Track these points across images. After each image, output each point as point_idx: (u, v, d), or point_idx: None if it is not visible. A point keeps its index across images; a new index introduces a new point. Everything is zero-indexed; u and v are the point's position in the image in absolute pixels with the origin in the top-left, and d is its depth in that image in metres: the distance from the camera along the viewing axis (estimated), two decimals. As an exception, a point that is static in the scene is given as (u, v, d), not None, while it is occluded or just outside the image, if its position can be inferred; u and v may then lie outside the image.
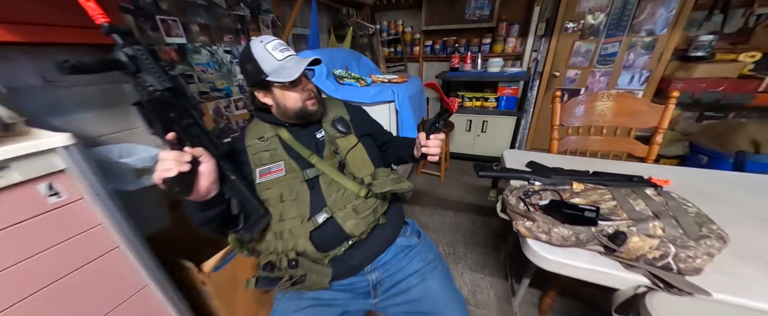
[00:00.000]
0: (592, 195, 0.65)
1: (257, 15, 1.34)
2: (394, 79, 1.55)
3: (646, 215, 0.55)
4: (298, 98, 0.65)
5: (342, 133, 0.71)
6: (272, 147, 0.66)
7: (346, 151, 0.68)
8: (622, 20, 2.01)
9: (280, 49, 0.63)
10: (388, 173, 0.70)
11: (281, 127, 0.69)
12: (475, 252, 1.40)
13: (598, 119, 1.06)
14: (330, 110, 0.75)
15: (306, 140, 0.69)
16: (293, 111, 0.66)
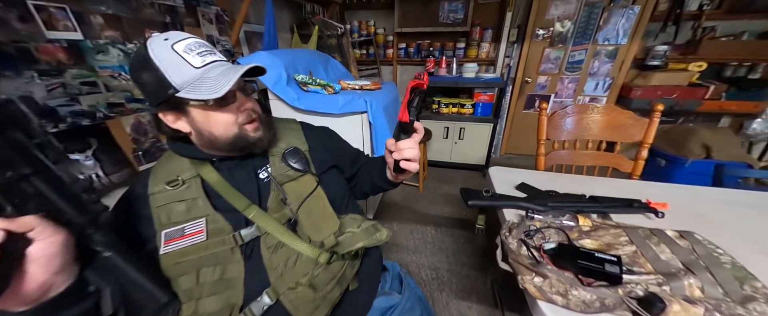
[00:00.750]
0: (604, 236, 0.55)
1: (195, 6, 1.09)
2: (367, 85, 1.39)
3: (676, 267, 0.46)
4: (231, 122, 0.46)
5: (296, 172, 0.52)
6: (190, 196, 0.45)
7: (300, 201, 0.49)
8: (587, 29, 2.06)
9: (197, 51, 0.43)
10: (359, 220, 0.53)
11: (205, 164, 0.49)
12: (460, 276, 1.29)
13: (583, 133, 1.00)
14: (281, 138, 0.56)
15: (243, 183, 0.49)
16: (224, 140, 0.46)
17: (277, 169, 0.51)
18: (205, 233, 0.43)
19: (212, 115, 0.45)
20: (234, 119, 0.46)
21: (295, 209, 0.48)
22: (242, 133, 0.47)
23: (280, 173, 0.51)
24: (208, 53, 0.45)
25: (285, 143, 0.55)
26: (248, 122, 0.47)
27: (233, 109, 0.46)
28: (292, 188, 0.50)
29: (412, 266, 1.36)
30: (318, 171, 0.55)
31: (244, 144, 0.48)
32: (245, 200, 0.47)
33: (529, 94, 2.43)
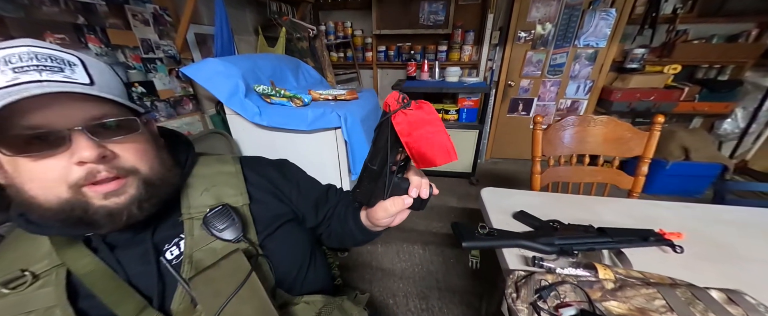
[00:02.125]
0: (634, 297, 0.44)
1: (123, 4, 0.88)
2: (342, 95, 1.23)
3: (738, 350, 0.35)
4: (56, 179, 0.29)
5: (225, 245, 0.36)
6: (42, 303, 0.28)
7: (223, 302, 0.31)
8: (568, 32, 2.04)
9: (15, 65, 0.27)
10: (319, 303, 0.38)
11: (75, 245, 0.32)
12: (452, 304, 1.17)
13: (580, 147, 0.92)
14: (205, 189, 0.39)
15: (136, 271, 0.33)
16: (47, 208, 0.29)
17: (195, 242, 0.35)
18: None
19: (22, 164, 0.28)
20: (61, 176, 0.29)
21: (215, 312, 0.31)
22: (77, 201, 0.29)
23: (198, 248, 0.35)
24: (34, 69, 0.27)
25: (211, 198, 0.39)
26: (92, 183, 0.30)
27: (62, 160, 0.28)
28: (210, 281, 0.33)
29: (399, 295, 1.22)
30: (263, 234, 0.39)
31: (80, 219, 0.30)
32: (137, 299, 0.31)
33: (513, 98, 2.38)
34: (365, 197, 0.38)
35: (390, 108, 0.32)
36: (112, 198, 0.31)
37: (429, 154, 0.33)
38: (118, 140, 0.31)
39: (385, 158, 0.34)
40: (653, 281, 0.45)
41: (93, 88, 0.29)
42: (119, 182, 0.31)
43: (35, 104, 0.26)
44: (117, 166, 0.31)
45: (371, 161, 0.35)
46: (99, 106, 0.30)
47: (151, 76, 0.99)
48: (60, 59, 0.29)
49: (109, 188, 0.30)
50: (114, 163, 0.31)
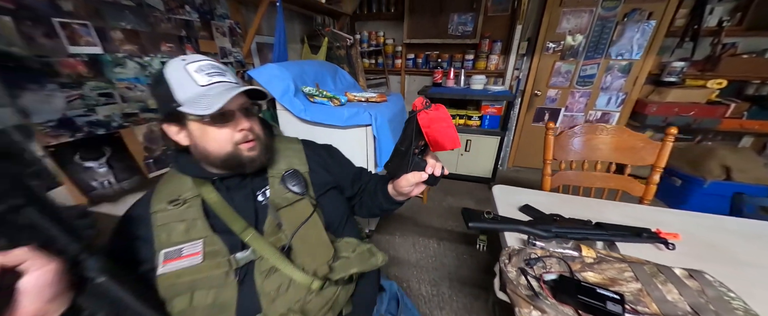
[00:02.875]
0: (608, 270, 0.53)
1: (210, 20, 1.13)
2: (373, 97, 1.40)
3: (683, 310, 0.43)
4: (227, 140, 0.47)
5: (295, 196, 0.52)
6: (190, 216, 0.47)
7: (295, 228, 0.49)
8: (600, 43, 2.03)
9: (207, 72, 0.46)
10: (354, 244, 0.53)
11: (207, 184, 0.50)
12: (461, 293, 1.26)
13: (592, 154, 0.98)
14: (282, 158, 0.57)
15: (241, 205, 0.50)
16: (216, 157, 0.48)
17: (276, 192, 0.52)
18: (201, 255, 0.44)
19: (209, 130, 0.46)
20: (229, 138, 0.47)
21: (289, 236, 0.48)
22: (236, 152, 0.48)
23: (278, 196, 0.52)
24: (217, 74, 0.47)
25: (285, 164, 0.56)
26: (244, 142, 0.48)
27: (231, 127, 0.47)
28: (288, 214, 0.50)
29: (412, 280, 1.34)
30: (317, 193, 0.56)
31: (236, 163, 0.49)
32: (242, 222, 0.48)
33: (539, 108, 2.39)
34: (393, 169, 0.52)
35: (417, 107, 0.47)
36: (252, 152, 0.50)
37: (441, 140, 0.47)
38: (253, 118, 0.50)
39: (410, 142, 0.48)
40: (628, 261, 0.54)
41: (240, 84, 0.48)
42: (254, 143, 0.50)
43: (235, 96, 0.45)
44: (254, 133, 0.50)
45: (400, 144, 0.50)
46: (241, 97, 0.48)
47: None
48: (221, 67, 0.48)
49: (250, 145, 0.49)
50: (252, 131, 0.49)
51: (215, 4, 1.15)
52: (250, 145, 0.49)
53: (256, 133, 0.51)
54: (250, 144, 0.49)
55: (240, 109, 0.48)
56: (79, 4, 0.75)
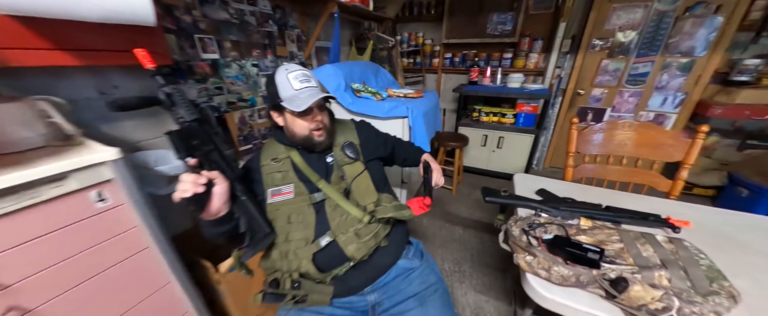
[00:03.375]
0: (599, 234, 0.64)
1: (284, 31, 1.43)
2: (410, 94, 1.58)
3: (653, 263, 0.54)
4: (305, 127, 0.69)
5: (350, 160, 0.74)
6: (284, 169, 0.71)
7: (352, 178, 0.71)
8: (655, 39, 1.91)
9: (299, 79, 0.68)
10: (391, 199, 0.73)
11: (294, 150, 0.74)
12: (481, 273, 1.38)
13: (617, 149, 1.03)
14: (340, 134, 0.79)
15: (316, 164, 0.73)
16: (299, 137, 0.71)
17: (338, 156, 0.74)
18: (293, 193, 0.68)
19: (296, 120, 0.69)
20: (307, 126, 0.69)
21: (349, 183, 0.70)
22: (310, 136, 0.70)
23: (339, 158, 0.74)
24: (305, 81, 0.69)
25: (343, 138, 0.78)
26: (316, 130, 0.70)
27: (309, 119, 0.69)
28: (348, 169, 0.72)
29: (436, 257, 1.50)
30: (365, 159, 0.77)
31: (309, 143, 0.71)
32: (316, 175, 0.71)
33: (582, 107, 2.32)
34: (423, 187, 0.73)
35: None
36: (320, 138, 0.71)
37: None
38: (324, 112, 0.72)
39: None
40: (618, 229, 0.64)
41: (320, 90, 0.70)
42: (322, 131, 0.71)
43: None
44: (323, 124, 0.71)
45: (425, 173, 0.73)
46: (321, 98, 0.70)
47: (289, 75, 1.53)
48: (308, 75, 0.71)
49: (319, 133, 0.71)
50: (322, 122, 0.71)
51: (288, 17, 1.44)
52: (319, 133, 0.71)
53: (325, 124, 0.71)
54: (319, 132, 0.70)
55: (317, 106, 0.69)
56: (209, 23, 1.07)
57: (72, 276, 0.55)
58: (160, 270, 0.70)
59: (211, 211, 0.55)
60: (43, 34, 0.56)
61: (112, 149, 0.57)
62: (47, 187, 0.49)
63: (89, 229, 0.56)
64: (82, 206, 0.54)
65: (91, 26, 0.59)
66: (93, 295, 0.59)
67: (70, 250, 0.54)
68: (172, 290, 0.74)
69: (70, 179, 0.52)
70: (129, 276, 0.64)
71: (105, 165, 0.56)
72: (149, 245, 0.67)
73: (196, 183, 0.52)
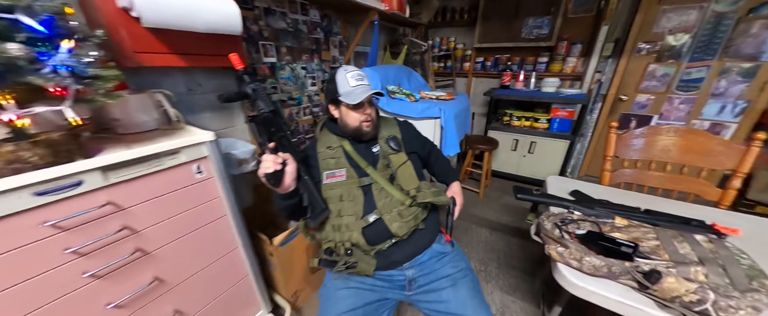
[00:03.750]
0: (634, 232, 0.66)
1: (329, 37, 1.57)
2: (442, 96, 1.64)
3: (690, 259, 0.55)
4: (357, 119, 0.80)
5: (394, 150, 0.83)
6: (337, 155, 0.82)
7: (397, 166, 0.80)
8: (712, 43, 1.78)
9: (355, 78, 0.79)
10: (429, 186, 0.80)
11: (345, 140, 0.85)
12: (508, 275, 1.39)
13: (660, 154, 1.00)
14: (384, 129, 0.88)
15: (364, 153, 0.83)
16: (350, 128, 0.81)
17: (383, 147, 0.84)
18: (345, 176, 0.79)
19: (350, 112, 0.80)
20: (358, 118, 0.79)
21: (395, 170, 0.79)
22: (359, 128, 0.80)
23: (384, 149, 0.83)
24: (360, 80, 0.79)
25: (387, 132, 0.88)
26: (365, 121, 0.80)
27: (360, 112, 0.79)
28: (393, 158, 0.81)
29: (462, 256, 1.53)
30: (407, 151, 0.85)
31: (358, 133, 0.81)
32: (365, 162, 0.81)
33: (624, 114, 2.20)
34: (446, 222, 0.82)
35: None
36: (368, 129, 0.81)
37: None
38: (372, 107, 0.82)
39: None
40: (654, 226, 0.65)
41: (371, 88, 0.80)
42: (370, 123, 0.81)
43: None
44: (371, 117, 0.81)
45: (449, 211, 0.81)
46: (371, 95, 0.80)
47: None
48: (362, 74, 0.81)
49: (368, 125, 0.81)
50: (370, 115, 0.81)
51: (333, 25, 1.59)
52: (368, 125, 0.81)
53: (372, 118, 0.81)
54: (368, 124, 0.80)
55: (367, 102, 0.80)
56: (270, 31, 1.24)
57: (177, 230, 0.70)
58: (231, 236, 0.85)
59: (285, 185, 0.67)
60: (165, 41, 0.73)
61: (209, 132, 0.71)
62: (167, 158, 0.65)
63: (190, 194, 0.71)
64: (187, 175, 0.69)
65: (195, 35, 0.75)
66: (188, 247, 0.73)
67: (177, 208, 0.69)
68: (238, 254, 0.88)
69: (181, 153, 0.67)
70: (211, 236, 0.79)
71: (204, 144, 0.70)
72: (226, 214, 0.81)
73: (275, 162, 0.64)
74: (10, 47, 0.41)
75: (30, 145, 0.48)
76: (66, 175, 0.50)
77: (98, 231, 0.56)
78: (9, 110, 0.46)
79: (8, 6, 0.42)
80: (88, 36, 0.52)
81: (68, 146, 0.52)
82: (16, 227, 0.48)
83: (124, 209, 0.60)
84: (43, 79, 0.45)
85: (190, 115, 1.04)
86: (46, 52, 0.46)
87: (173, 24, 0.66)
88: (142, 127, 0.76)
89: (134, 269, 0.64)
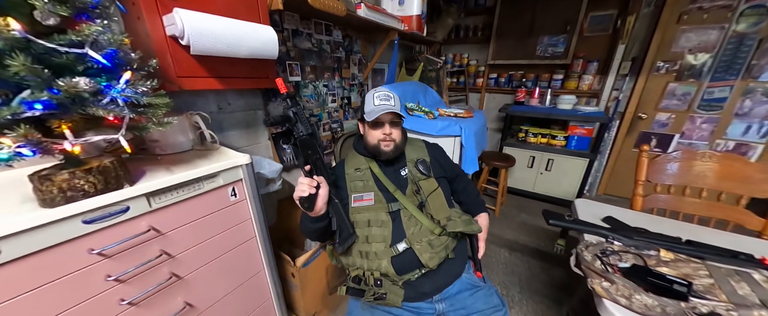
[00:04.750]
0: (683, 268, 0.63)
1: (349, 55, 1.61)
2: (461, 113, 1.64)
3: (752, 302, 0.52)
4: (376, 137, 0.80)
5: (423, 176, 0.82)
6: (365, 178, 0.81)
7: (428, 193, 0.79)
8: (734, 63, 1.76)
9: (380, 98, 0.80)
10: (460, 214, 0.79)
11: (373, 162, 0.84)
12: (532, 300, 1.34)
13: (695, 180, 0.97)
14: (413, 151, 0.88)
15: (391, 176, 0.82)
16: (370, 145, 0.82)
17: (412, 170, 0.83)
18: (373, 200, 0.78)
19: (370, 130, 0.80)
20: (377, 136, 0.80)
21: (425, 197, 0.78)
22: (378, 146, 0.80)
23: (413, 173, 0.82)
24: (384, 100, 0.80)
25: (415, 155, 0.87)
26: (384, 141, 0.80)
27: (379, 131, 0.79)
28: (423, 184, 0.80)
29: (482, 278, 1.48)
30: (435, 176, 0.84)
31: (376, 151, 0.81)
32: (393, 186, 0.80)
33: (644, 132, 2.16)
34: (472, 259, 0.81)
35: None
36: (387, 148, 0.80)
37: None
38: (396, 127, 0.81)
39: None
40: (705, 262, 0.62)
41: (394, 108, 0.80)
42: (390, 143, 0.80)
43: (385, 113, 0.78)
44: (390, 137, 0.80)
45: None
46: (390, 114, 0.80)
47: (348, 93, 1.70)
48: (389, 95, 0.82)
49: (386, 144, 0.80)
50: (390, 136, 0.80)
51: (354, 44, 1.63)
52: (386, 144, 0.80)
53: (392, 138, 0.80)
54: (386, 143, 0.80)
55: (388, 122, 0.79)
56: (297, 51, 1.27)
57: (209, 253, 0.70)
58: (258, 257, 0.84)
59: (317, 208, 0.66)
60: (206, 66, 0.75)
61: (245, 155, 0.72)
62: (207, 181, 0.65)
63: (224, 217, 0.71)
64: (222, 198, 0.69)
65: (233, 60, 0.77)
66: (217, 270, 0.73)
67: (210, 232, 0.69)
68: (263, 277, 0.87)
69: (219, 177, 0.67)
70: (239, 259, 0.78)
71: (240, 168, 0.71)
72: (255, 235, 0.80)
73: (311, 185, 0.64)
74: (78, 81, 0.43)
75: (83, 172, 0.49)
76: (115, 202, 0.51)
77: (139, 257, 0.56)
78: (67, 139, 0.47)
79: (79, 41, 0.44)
80: (142, 66, 0.54)
81: (117, 172, 0.53)
82: (65, 254, 0.48)
83: (163, 233, 0.60)
84: (104, 110, 0.46)
85: (219, 133, 1.05)
86: (108, 83, 0.48)
87: (220, 51, 0.68)
88: (179, 148, 0.77)
89: (167, 294, 0.63)
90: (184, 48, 0.68)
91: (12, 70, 0.37)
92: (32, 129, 0.41)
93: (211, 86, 0.79)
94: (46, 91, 0.41)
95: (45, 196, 0.47)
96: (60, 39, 0.42)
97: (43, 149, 0.44)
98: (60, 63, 0.43)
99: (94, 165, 0.50)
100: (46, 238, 0.46)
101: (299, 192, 0.65)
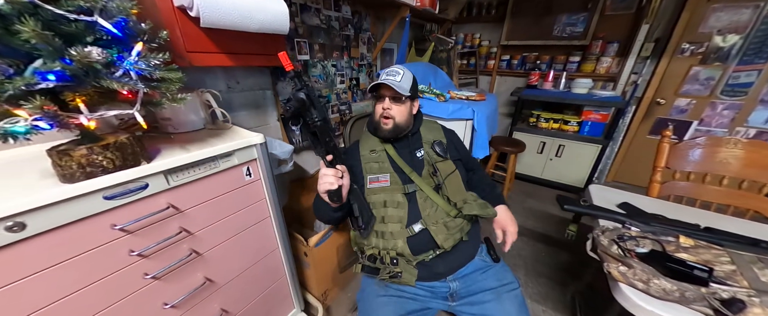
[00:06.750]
0: (704, 254, 0.62)
1: (358, 34, 1.54)
2: (473, 96, 1.59)
3: (777, 289, 0.51)
4: (377, 112, 0.79)
5: (440, 157, 0.80)
6: (381, 160, 0.80)
7: (445, 175, 0.78)
8: (765, 45, 1.65)
9: (386, 73, 0.77)
10: (475, 197, 0.78)
11: (388, 143, 0.83)
12: (536, 283, 1.36)
13: (718, 167, 0.94)
14: (429, 133, 0.86)
15: (407, 158, 0.81)
16: (373, 121, 0.81)
17: (428, 152, 0.81)
18: (388, 182, 0.77)
19: (376, 104, 0.79)
20: (377, 111, 0.78)
21: (442, 179, 0.76)
22: (378, 122, 0.78)
23: (430, 155, 0.81)
24: (390, 74, 0.76)
25: (432, 136, 0.85)
26: (384, 117, 0.77)
27: (380, 105, 0.77)
28: (440, 166, 0.79)
29: (488, 260, 1.50)
30: (452, 158, 0.82)
31: (376, 128, 0.79)
32: (409, 167, 0.79)
33: (660, 118, 2.09)
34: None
35: None
36: (385, 126, 0.78)
37: None
38: (399, 104, 0.77)
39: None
40: (726, 248, 0.61)
41: (397, 84, 0.76)
42: (390, 121, 0.77)
43: (384, 86, 0.75)
44: (390, 114, 0.77)
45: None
46: (391, 89, 0.75)
47: (357, 74, 1.64)
48: (397, 71, 0.78)
49: (386, 121, 0.78)
50: (389, 112, 0.77)
51: (363, 21, 1.56)
52: (386, 121, 0.77)
53: (392, 115, 0.77)
54: (385, 120, 0.77)
55: (389, 97, 0.76)
56: (305, 28, 1.22)
57: (226, 231, 0.71)
58: (273, 236, 0.85)
59: (343, 200, 0.66)
60: (216, 41, 0.72)
61: (259, 135, 0.71)
62: (222, 160, 0.64)
63: (239, 196, 0.71)
64: (238, 177, 0.69)
65: (244, 35, 0.73)
66: (234, 248, 0.74)
67: (227, 210, 0.69)
68: (277, 256, 0.88)
69: (234, 156, 0.66)
70: (254, 238, 0.79)
71: (254, 147, 0.70)
72: (269, 215, 0.81)
73: (336, 177, 0.62)
74: (90, 51, 0.41)
75: (101, 148, 0.48)
76: (135, 178, 0.50)
77: (160, 233, 0.57)
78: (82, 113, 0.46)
79: (87, 8, 0.41)
80: (152, 38, 0.52)
81: (134, 149, 0.53)
82: (88, 230, 0.48)
83: (182, 211, 0.60)
84: (118, 84, 0.44)
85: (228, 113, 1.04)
86: (120, 55, 0.46)
87: (230, 24, 0.64)
88: (191, 126, 0.76)
89: (188, 270, 0.64)
90: (193, 20, 0.64)
91: (23, 37, 0.35)
92: (48, 100, 0.39)
93: (222, 63, 0.76)
94: (58, 60, 0.39)
95: (65, 171, 0.46)
96: (68, 4, 0.39)
97: (59, 123, 0.43)
98: (70, 32, 0.41)
99: (111, 141, 0.49)
100: (70, 213, 0.46)
101: (327, 185, 0.62)
